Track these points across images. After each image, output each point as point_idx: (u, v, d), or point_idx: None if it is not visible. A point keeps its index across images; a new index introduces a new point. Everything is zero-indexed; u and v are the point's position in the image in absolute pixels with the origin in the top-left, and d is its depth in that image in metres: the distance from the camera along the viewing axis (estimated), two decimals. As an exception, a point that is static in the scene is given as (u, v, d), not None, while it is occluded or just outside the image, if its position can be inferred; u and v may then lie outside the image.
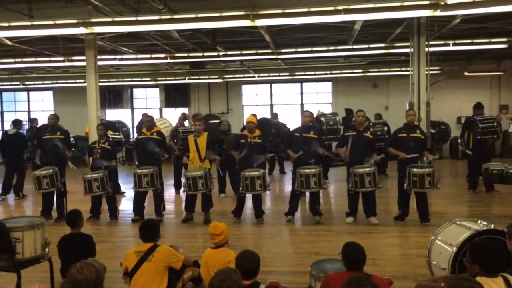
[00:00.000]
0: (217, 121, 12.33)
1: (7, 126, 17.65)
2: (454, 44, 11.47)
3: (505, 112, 16.48)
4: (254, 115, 9.71)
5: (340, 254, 3.41)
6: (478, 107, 9.88)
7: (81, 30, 8.01)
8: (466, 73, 16.24)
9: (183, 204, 8.14)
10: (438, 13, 7.10)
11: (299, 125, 8.04)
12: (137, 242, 4.49)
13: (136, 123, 18.29)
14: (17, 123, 10.91)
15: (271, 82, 18.27)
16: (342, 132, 9.39)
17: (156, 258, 3.98)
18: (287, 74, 17.32)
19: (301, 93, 18.44)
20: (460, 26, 10.47)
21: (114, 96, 18.52)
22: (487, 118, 9.64)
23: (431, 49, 10.30)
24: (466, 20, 9.76)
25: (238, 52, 12.65)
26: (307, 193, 7.93)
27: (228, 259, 4.03)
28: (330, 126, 10.54)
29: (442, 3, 6.79)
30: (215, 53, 12.52)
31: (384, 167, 11.70)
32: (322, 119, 10.62)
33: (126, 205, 9.29)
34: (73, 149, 8.88)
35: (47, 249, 4.72)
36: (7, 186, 10.36)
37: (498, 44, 11.63)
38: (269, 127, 11.37)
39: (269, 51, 12.43)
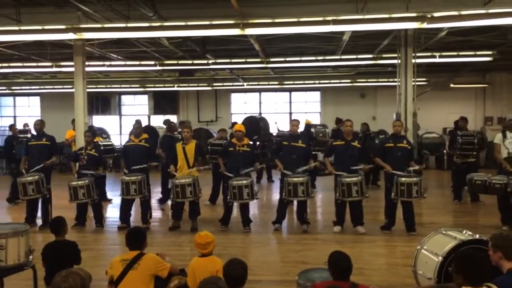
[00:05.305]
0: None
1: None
2: (440, 56, 11.67)
3: (490, 124, 16.75)
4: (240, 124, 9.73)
5: (327, 263, 3.41)
6: (461, 121, 10.08)
7: (70, 35, 7.95)
8: (452, 85, 16.49)
9: (170, 211, 8.06)
10: (425, 25, 7.21)
11: (287, 133, 8.05)
12: (123, 250, 4.43)
13: (124, 130, 18.23)
14: None
15: (260, 90, 18.35)
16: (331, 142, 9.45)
17: (142, 266, 3.93)
18: (276, 83, 17.42)
19: (290, 102, 18.55)
20: (446, 39, 10.66)
21: (102, 103, 18.42)
22: (467, 135, 9.75)
23: (418, 60, 10.45)
24: (452, 33, 9.94)
25: (228, 60, 12.69)
26: (295, 202, 7.95)
27: (216, 267, 3.97)
28: (319, 138, 10.61)
29: (429, 16, 6.91)
30: (205, 61, 12.55)
31: (376, 179, 11.73)
32: (312, 130, 10.68)
33: (112, 213, 9.19)
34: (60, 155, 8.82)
35: (31, 257, 4.63)
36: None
37: (483, 57, 11.85)
38: (257, 128, 11.35)
39: (259, 60, 12.51)
